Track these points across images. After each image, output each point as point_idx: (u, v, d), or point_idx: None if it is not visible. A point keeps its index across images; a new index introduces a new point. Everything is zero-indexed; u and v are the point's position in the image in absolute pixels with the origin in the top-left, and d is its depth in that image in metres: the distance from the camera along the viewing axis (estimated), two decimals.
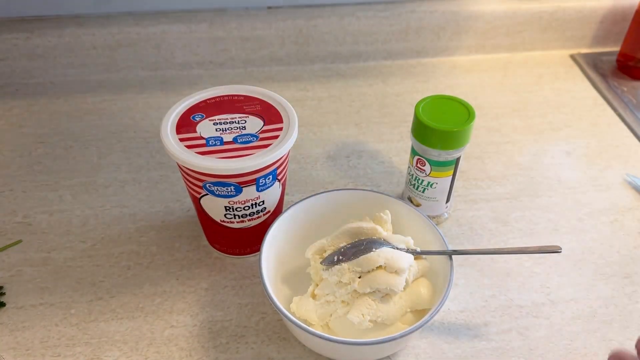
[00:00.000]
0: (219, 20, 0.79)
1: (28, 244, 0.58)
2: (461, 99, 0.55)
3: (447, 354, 0.50)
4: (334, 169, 0.68)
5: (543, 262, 0.58)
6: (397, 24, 0.83)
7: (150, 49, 0.80)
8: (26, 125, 0.73)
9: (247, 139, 0.49)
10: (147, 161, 0.69)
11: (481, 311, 0.53)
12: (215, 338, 0.50)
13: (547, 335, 0.51)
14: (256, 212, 0.53)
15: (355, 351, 0.45)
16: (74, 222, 0.61)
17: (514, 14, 0.84)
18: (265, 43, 0.82)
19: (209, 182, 0.49)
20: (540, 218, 0.62)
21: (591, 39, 0.89)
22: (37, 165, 0.68)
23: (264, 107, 0.53)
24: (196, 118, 0.51)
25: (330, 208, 0.54)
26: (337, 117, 0.76)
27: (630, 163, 0.70)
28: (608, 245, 0.60)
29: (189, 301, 0.54)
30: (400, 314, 0.47)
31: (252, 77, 0.82)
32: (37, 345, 0.50)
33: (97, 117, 0.75)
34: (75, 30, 0.77)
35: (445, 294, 0.45)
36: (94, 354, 0.49)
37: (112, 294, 0.54)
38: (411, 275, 0.48)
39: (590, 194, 0.66)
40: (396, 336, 0.42)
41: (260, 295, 0.54)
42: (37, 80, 0.80)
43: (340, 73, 0.84)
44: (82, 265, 0.56)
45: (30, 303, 0.53)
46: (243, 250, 0.57)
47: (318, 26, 0.81)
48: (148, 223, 0.61)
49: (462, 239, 0.60)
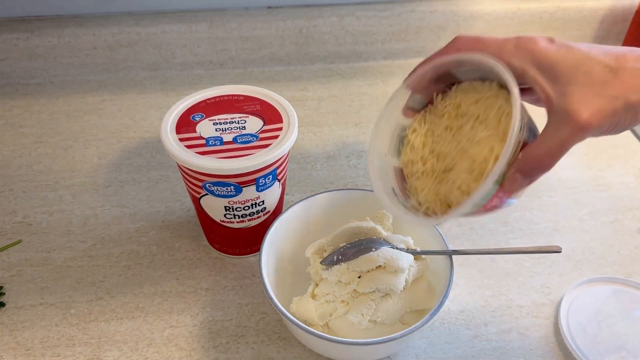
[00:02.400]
0: (219, 20, 0.79)
1: (28, 244, 0.58)
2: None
3: (447, 354, 0.50)
4: (334, 169, 0.68)
5: (543, 262, 0.58)
6: (397, 24, 0.83)
7: (150, 49, 0.80)
8: (26, 125, 0.73)
9: (247, 139, 0.49)
10: (147, 161, 0.69)
11: (481, 311, 0.53)
12: (215, 338, 0.50)
13: (547, 335, 0.51)
14: (256, 212, 0.53)
15: (355, 351, 0.45)
16: (74, 222, 0.61)
17: (514, 14, 0.84)
18: (265, 43, 0.82)
19: (208, 182, 0.49)
20: (540, 218, 0.62)
21: (591, 39, 0.89)
22: (37, 165, 0.68)
23: (264, 107, 0.53)
24: (196, 118, 0.51)
25: (330, 208, 0.54)
26: (337, 117, 0.76)
27: (630, 163, 0.70)
28: (608, 245, 0.60)
29: (189, 301, 0.54)
30: (400, 314, 0.47)
31: (252, 77, 0.82)
32: (37, 345, 0.50)
33: (97, 117, 0.75)
34: (75, 30, 0.77)
35: (445, 294, 0.45)
36: (93, 354, 0.49)
37: (112, 294, 0.54)
38: (411, 275, 0.48)
39: (590, 194, 0.66)
40: (396, 336, 0.42)
41: (260, 295, 0.54)
42: (37, 80, 0.80)
43: (340, 73, 0.84)
44: (82, 265, 0.56)
45: (30, 303, 0.53)
46: (243, 250, 0.57)
47: (318, 26, 0.81)
48: (148, 223, 0.61)
49: (462, 239, 0.60)
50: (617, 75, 0.35)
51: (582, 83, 0.35)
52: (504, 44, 0.38)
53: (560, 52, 0.36)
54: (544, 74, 0.36)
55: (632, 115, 0.36)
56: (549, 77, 0.36)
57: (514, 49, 0.37)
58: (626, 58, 0.36)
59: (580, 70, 0.35)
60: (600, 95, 0.35)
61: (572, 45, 0.37)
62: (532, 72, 0.36)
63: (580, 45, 0.37)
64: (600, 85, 0.35)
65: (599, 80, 0.35)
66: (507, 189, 0.37)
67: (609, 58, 0.36)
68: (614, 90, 0.35)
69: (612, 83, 0.35)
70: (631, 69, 0.35)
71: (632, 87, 0.35)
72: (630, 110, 0.35)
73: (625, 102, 0.35)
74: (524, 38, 0.37)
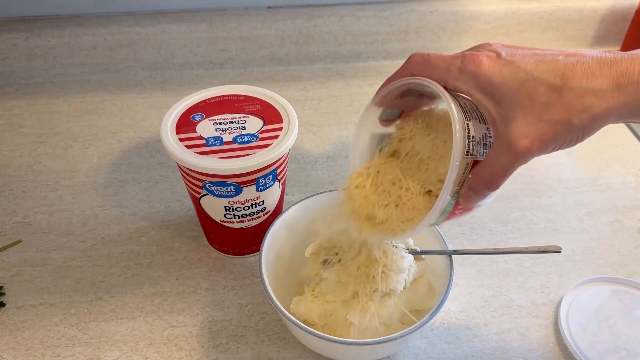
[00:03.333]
0: (219, 20, 0.79)
1: (28, 244, 0.58)
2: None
3: (447, 354, 0.50)
4: (334, 169, 0.68)
5: (543, 262, 0.58)
6: (397, 24, 0.83)
7: (150, 49, 0.80)
8: (26, 125, 0.73)
9: (247, 139, 0.49)
10: (147, 161, 0.69)
11: (481, 311, 0.53)
12: (215, 338, 0.50)
13: (547, 335, 0.51)
14: (256, 212, 0.53)
15: (355, 351, 0.45)
16: (74, 222, 0.61)
17: (514, 14, 0.84)
18: (265, 43, 0.82)
19: (208, 182, 0.49)
20: (540, 218, 0.62)
21: (591, 39, 0.89)
22: (37, 165, 0.68)
23: (264, 107, 0.53)
24: (196, 118, 0.51)
25: (330, 208, 0.54)
26: (337, 117, 0.76)
27: (630, 163, 0.70)
28: (608, 245, 0.60)
29: (189, 301, 0.54)
30: (400, 314, 0.47)
31: (252, 77, 0.82)
32: (37, 345, 0.50)
33: (97, 117, 0.75)
34: (75, 30, 0.77)
35: (445, 294, 0.45)
36: (93, 354, 0.49)
37: (112, 294, 0.54)
38: (411, 275, 0.48)
39: (590, 194, 0.66)
40: (396, 336, 0.42)
41: (260, 295, 0.54)
42: (36, 80, 0.80)
43: (340, 73, 0.84)
44: (82, 265, 0.56)
45: (30, 303, 0.53)
46: (243, 250, 0.57)
47: (318, 26, 0.81)
48: (148, 223, 0.61)
49: (462, 239, 0.60)
50: (561, 96, 0.34)
51: (525, 106, 0.35)
52: (450, 66, 0.37)
53: (503, 72, 0.35)
54: (488, 97, 0.36)
55: (577, 134, 0.35)
56: (493, 100, 0.36)
57: (457, 72, 0.37)
58: (574, 73, 0.34)
59: (523, 91, 0.35)
60: (541, 120, 0.34)
61: (518, 63, 0.35)
62: (476, 96, 0.37)
63: (527, 60, 0.35)
64: (542, 108, 0.34)
65: (541, 103, 0.34)
66: (463, 204, 0.39)
67: (555, 75, 0.34)
68: (556, 114, 0.34)
69: (554, 105, 0.34)
70: (577, 88, 0.34)
71: (575, 108, 0.34)
72: (573, 132, 0.35)
73: (568, 125, 0.34)
74: (468, 58, 0.37)
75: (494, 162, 0.36)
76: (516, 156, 0.35)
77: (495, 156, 0.36)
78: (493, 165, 0.36)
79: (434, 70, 0.38)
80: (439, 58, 0.38)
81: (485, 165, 0.37)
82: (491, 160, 0.37)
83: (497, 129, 0.36)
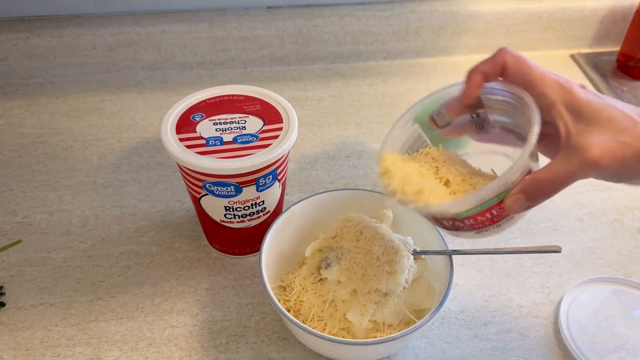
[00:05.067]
0: (219, 20, 0.79)
1: (28, 244, 0.58)
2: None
3: (447, 354, 0.50)
4: (334, 169, 0.68)
5: (543, 262, 0.58)
6: (397, 24, 0.83)
7: (150, 49, 0.80)
8: (26, 125, 0.73)
9: (247, 139, 0.49)
10: (147, 161, 0.69)
11: (481, 311, 0.53)
12: (215, 338, 0.50)
13: (547, 335, 0.51)
14: (256, 212, 0.53)
15: (355, 351, 0.45)
16: (74, 222, 0.61)
17: (514, 14, 0.84)
18: (265, 43, 0.82)
19: (208, 182, 0.49)
20: (540, 218, 0.62)
21: (591, 39, 0.89)
22: (36, 165, 0.68)
23: (264, 107, 0.53)
24: (196, 118, 0.51)
25: (330, 208, 0.54)
26: (337, 117, 0.76)
27: None
28: (608, 245, 0.60)
29: (189, 301, 0.54)
30: (400, 314, 0.47)
31: (252, 77, 0.82)
32: (37, 345, 0.50)
33: (97, 117, 0.75)
34: (75, 30, 0.77)
35: (445, 294, 0.45)
36: (93, 354, 0.49)
37: (112, 294, 0.54)
38: (411, 275, 0.48)
39: (590, 194, 0.66)
40: (396, 336, 0.42)
41: (260, 295, 0.54)
42: (36, 80, 0.80)
43: (340, 73, 0.84)
44: (82, 265, 0.56)
45: (30, 303, 0.53)
46: (243, 250, 0.57)
47: (318, 26, 0.81)
48: (148, 223, 0.61)
49: (461, 239, 0.60)
50: (637, 126, 0.38)
51: (603, 126, 0.38)
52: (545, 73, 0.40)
53: (589, 97, 0.39)
54: (570, 112, 0.39)
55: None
56: (574, 116, 0.39)
57: (552, 82, 0.40)
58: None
59: (604, 115, 0.38)
60: (615, 140, 0.37)
61: (601, 95, 0.40)
62: (559, 107, 0.39)
63: (608, 97, 0.40)
64: (618, 131, 0.37)
65: (618, 127, 0.38)
66: (507, 205, 0.40)
67: (633, 110, 0.39)
68: (629, 138, 0.37)
69: (629, 131, 0.37)
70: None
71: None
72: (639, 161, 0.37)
73: (636, 151, 0.37)
74: (562, 77, 0.40)
75: (559, 168, 0.38)
76: (584, 163, 0.37)
77: (561, 162, 0.38)
78: (557, 171, 0.38)
79: (531, 70, 0.41)
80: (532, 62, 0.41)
81: (547, 170, 0.39)
82: (555, 166, 0.38)
83: (570, 140, 0.38)
